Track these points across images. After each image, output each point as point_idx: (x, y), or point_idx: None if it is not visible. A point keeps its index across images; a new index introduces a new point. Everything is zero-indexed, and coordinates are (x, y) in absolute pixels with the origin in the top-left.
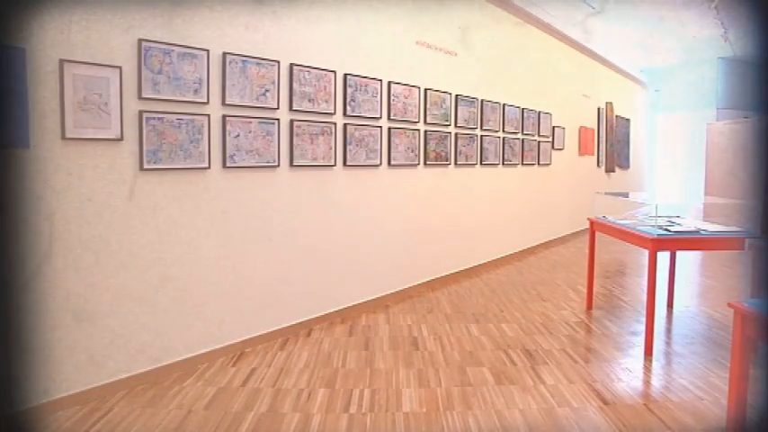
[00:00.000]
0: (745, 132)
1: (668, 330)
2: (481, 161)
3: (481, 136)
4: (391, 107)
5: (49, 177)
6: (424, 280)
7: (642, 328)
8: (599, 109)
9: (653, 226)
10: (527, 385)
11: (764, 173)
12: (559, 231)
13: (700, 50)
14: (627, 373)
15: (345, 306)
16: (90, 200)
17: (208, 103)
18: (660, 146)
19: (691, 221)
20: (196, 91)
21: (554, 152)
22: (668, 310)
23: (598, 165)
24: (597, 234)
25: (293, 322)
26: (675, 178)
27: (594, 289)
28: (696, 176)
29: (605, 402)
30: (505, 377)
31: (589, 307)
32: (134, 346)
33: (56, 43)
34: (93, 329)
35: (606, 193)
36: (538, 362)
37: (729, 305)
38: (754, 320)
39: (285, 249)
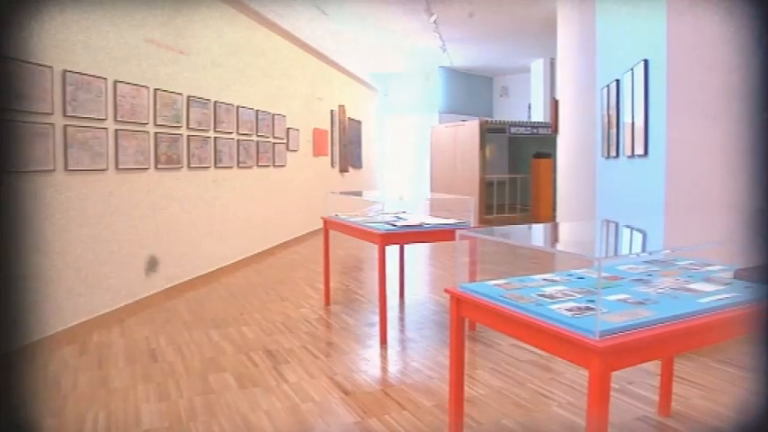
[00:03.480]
0: (463, 134)
1: (401, 319)
2: (215, 164)
3: (215, 138)
4: (118, 108)
5: None
6: (161, 289)
7: (378, 318)
8: (332, 111)
9: (381, 222)
10: (270, 386)
11: (480, 172)
12: (297, 231)
13: (424, 59)
14: (365, 363)
15: (74, 324)
16: None
17: None
18: (390, 146)
19: (417, 216)
20: None
21: (289, 153)
22: (400, 300)
23: (332, 165)
24: (333, 232)
25: (15, 346)
26: (405, 176)
27: (332, 285)
28: (423, 174)
29: (346, 393)
30: (248, 380)
31: (327, 303)
32: None
33: None
34: None
35: (341, 193)
36: (280, 361)
37: (446, 290)
38: (467, 303)
39: None
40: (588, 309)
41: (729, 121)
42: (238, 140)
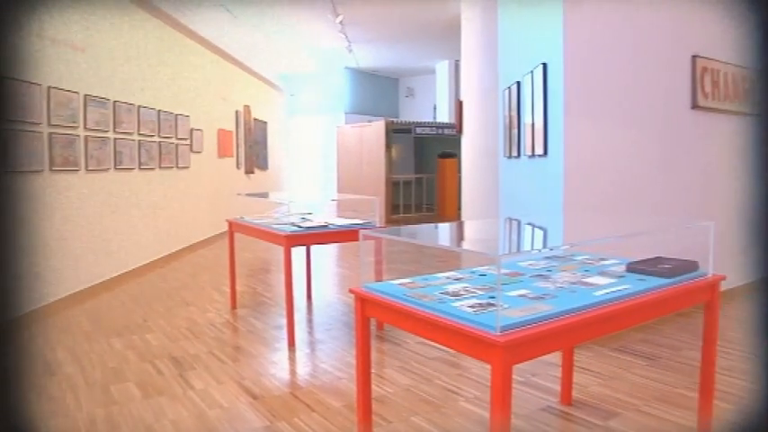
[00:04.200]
0: (369, 134)
1: (309, 320)
2: (116, 165)
3: (115, 139)
4: (7, 107)
5: None
6: (57, 297)
7: (285, 321)
8: (237, 112)
9: (286, 223)
10: (176, 394)
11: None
12: (203, 234)
13: (330, 60)
14: (274, 366)
15: None
16: None
17: None
18: (297, 147)
19: (323, 217)
20: None
21: (193, 154)
22: (308, 302)
23: (238, 166)
24: (240, 234)
25: None
26: (312, 177)
27: (239, 288)
28: (330, 175)
29: (255, 397)
30: (153, 389)
31: (234, 306)
32: None
33: None
34: None
35: (247, 195)
36: (186, 368)
37: (350, 291)
38: (371, 302)
39: None
40: (490, 305)
41: (623, 122)
42: (140, 141)
